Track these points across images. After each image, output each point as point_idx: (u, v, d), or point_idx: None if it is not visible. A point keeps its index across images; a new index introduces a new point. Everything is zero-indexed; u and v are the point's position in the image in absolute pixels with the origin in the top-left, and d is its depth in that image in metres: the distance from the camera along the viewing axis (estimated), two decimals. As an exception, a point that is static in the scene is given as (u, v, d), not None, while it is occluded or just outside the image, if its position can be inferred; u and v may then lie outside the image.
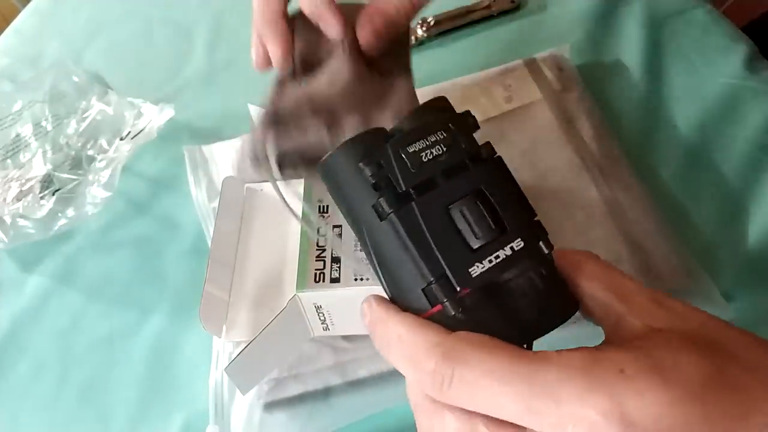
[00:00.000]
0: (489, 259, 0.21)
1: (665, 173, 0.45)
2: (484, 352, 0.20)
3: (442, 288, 0.21)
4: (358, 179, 0.22)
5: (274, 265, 0.39)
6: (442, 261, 0.21)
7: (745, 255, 0.41)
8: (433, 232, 0.21)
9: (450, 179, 0.22)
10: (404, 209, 0.21)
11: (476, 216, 0.22)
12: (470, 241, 0.21)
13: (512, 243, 0.22)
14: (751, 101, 0.47)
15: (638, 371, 0.18)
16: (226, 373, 0.32)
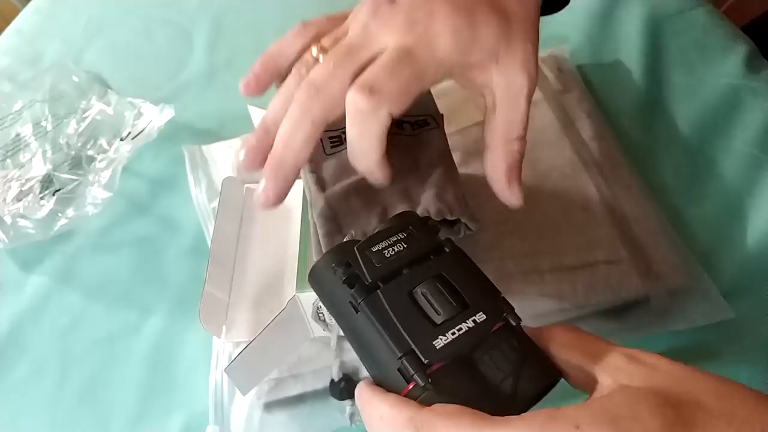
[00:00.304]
0: (452, 332, 0.23)
1: (665, 173, 0.45)
2: (449, 421, 0.21)
3: (410, 362, 0.23)
4: (334, 281, 0.25)
5: (273, 266, 0.39)
6: (407, 338, 0.23)
7: (745, 255, 0.41)
8: (398, 313, 0.24)
9: (412, 268, 0.25)
10: (371, 297, 0.24)
11: (437, 295, 0.24)
12: (433, 318, 0.24)
13: (474, 316, 0.24)
14: (751, 101, 0.47)
15: (592, 424, 0.19)
16: (226, 373, 0.32)
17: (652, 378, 0.21)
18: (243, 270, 0.40)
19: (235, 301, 0.38)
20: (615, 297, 0.37)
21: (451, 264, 0.26)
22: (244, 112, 0.55)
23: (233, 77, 0.59)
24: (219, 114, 0.56)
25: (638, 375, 0.21)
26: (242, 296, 0.38)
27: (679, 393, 0.20)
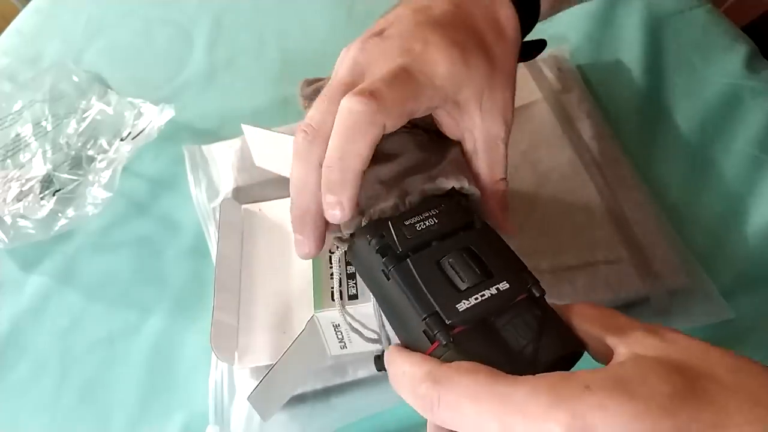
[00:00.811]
0: (475, 297, 0.24)
1: (665, 173, 0.45)
2: (466, 376, 0.21)
3: (434, 323, 0.24)
4: (369, 251, 0.27)
5: (281, 287, 0.39)
6: (432, 301, 0.24)
7: (745, 255, 0.41)
8: (425, 279, 0.25)
9: (442, 241, 0.27)
10: (401, 265, 0.26)
11: (463, 265, 0.25)
12: (458, 285, 0.25)
13: (498, 285, 0.25)
14: (751, 101, 0.47)
15: (602, 387, 0.19)
16: (249, 401, 0.32)
17: (667, 349, 0.21)
18: (249, 294, 0.39)
19: (245, 325, 0.38)
20: (615, 297, 0.37)
21: (479, 238, 0.27)
22: (244, 112, 0.56)
23: (233, 77, 0.59)
24: (219, 114, 0.56)
25: (654, 346, 0.21)
26: (251, 320, 0.38)
27: (693, 365, 0.20)
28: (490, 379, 0.21)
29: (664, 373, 0.20)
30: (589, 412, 0.19)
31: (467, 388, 0.21)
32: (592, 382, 0.19)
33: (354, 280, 0.33)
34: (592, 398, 0.19)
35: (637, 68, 0.51)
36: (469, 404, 0.21)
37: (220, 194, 0.47)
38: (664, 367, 0.20)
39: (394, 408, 0.37)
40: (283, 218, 0.43)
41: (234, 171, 0.47)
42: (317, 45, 0.60)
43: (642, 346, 0.22)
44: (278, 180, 0.46)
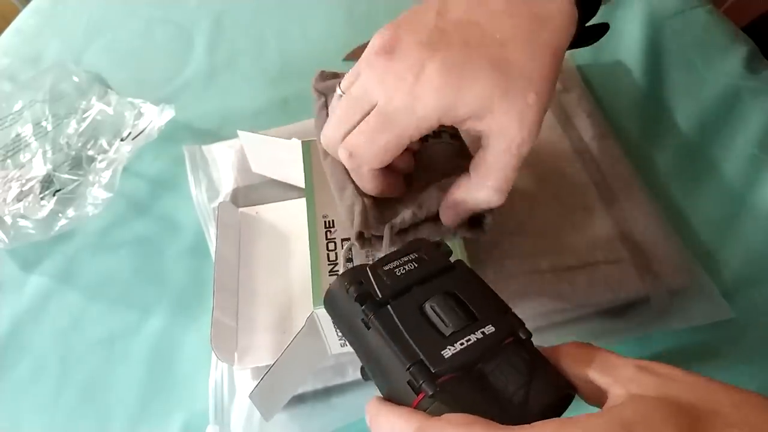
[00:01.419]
0: (461, 342, 0.24)
1: (665, 173, 0.45)
2: (458, 428, 0.21)
3: (419, 372, 0.23)
4: (347, 299, 0.26)
5: (279, 288, 0.39)
6: (416, 348, 0.24)
7: (745, 255, 0.41)
8: (407, 327, 0.24)
9: (422, 285, 0.26)
10: (381, 312, 0.25)
11: (446, 309, 0.25)
12: (442, 330, 0.24)
13: (483, 328, 0.24)
14: (751, 101, 0.47)
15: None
16: (250, 399, 0.32)
17: (666, 387, 0.20)
18: (248, 294, 0.39)
19: (243, 326, 0.38)
20: (615, 297, 0.37)
21: (460, 281, 0.26)
22: (244, 112, 0.56)
23: (233, 77, 0.59)
24: (219, 114, 0.56)
25: (651, 385, 0.21)
26: (250, 321, 0.38)
27: (694, 401, 0.20)
28: (484, 427, 0.20)
29: (668, 414, 0.19)
30: None
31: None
32: (593, 428, 0.19)
33: None
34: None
35: (637, 68, 0.51)
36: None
37: (220, 194, 0.47)
38: (667, 407, 0.19)
39: (394, 408, 0.37)
40: (280, 220, 0.43)
41: (234, 171, 0.47)
42: (317, 45, 0.60)
43: (638, 385, 0.21)
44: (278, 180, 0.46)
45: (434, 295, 0.25)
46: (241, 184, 0.46)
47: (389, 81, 0.28)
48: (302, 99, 0.55)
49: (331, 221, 0.35)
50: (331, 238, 0.35)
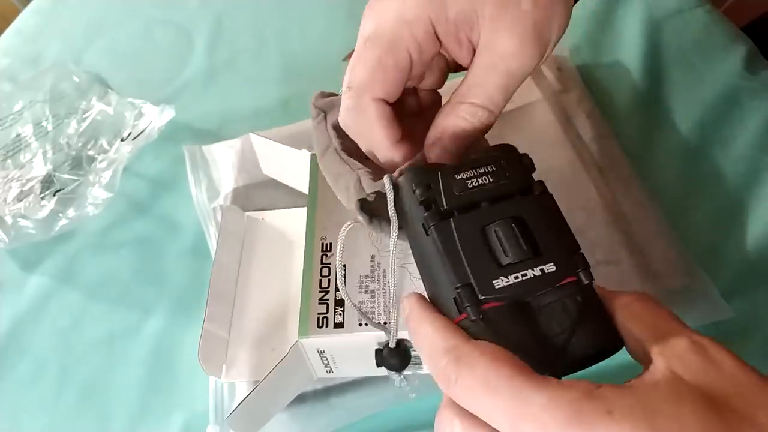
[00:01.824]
0: (515, 276, 0.23)
1: (665, 173, 0.45)
2: (489, 363, 0.20)
3: (466, 295, 0.22)
4: (413, 198, 0.25)
5: (275, 302, 0.38)
6: (468, 271, 0.23)
7: (745, 255, 0.41)
8: (465, 245, 0.23)
9: (492, 204, 0.25)
10: (442, 224, 0.24)
11: (508, 236, 0.23)
12: (499, 258, 0.23)
13: (543, 266, 0.23)
14: (751, 101, 0.46)
15: (627, 415, 0.18)
16: (227, 423, 0.32)
17: (710, 376, 0.19)
18: (243, 305, 0.39)
19: (235, 338, 0.37)
20: (615, 297, 0.37)
21: (534, 208, 0.25)
22: (245, 113, 0.56)
23: (233, 77, 0.59)
24: (219, 114, 0.56)
25: (696, 369, 0.19)
26: (243, 333, 0.37)
27: (735, 402, 0.18)
28: (513, 374, 0.20)
29: (700, 410, 0.18)
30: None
31: (487, 377, 0.20)
32: (618, 407, 0.18)
33: (342, 308, 0.32)
34: (613, 427, 0.17)
35: (637, 68, 0.51)
36: (484, 395, 0.20)
37: (220, 194, 0.47)
38: (701, 401, 0.18)
39: (394, 408, 0.37)
40: (285, 228, 0.43)
41: (234, 171, 0.47)
42: (317, 46, 0.60)
43: (683, 365, 0.19)
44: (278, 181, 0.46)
45: (502, 218, 0.24)
46: (241, 184, 0.46)
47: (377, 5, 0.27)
48: (303, 99, 0.55)
49: (328, 244, 0.34)
50: (326, 262, 0.34)
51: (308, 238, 0.34)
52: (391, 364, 0.32)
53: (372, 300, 0.32)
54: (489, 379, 0.20)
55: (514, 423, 0.19)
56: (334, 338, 0.31)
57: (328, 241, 0.35)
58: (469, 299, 0.22)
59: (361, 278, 0.33)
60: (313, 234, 0.35)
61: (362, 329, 0.31)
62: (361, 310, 0.31)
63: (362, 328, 0.31)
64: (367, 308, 0.32)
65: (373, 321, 0.31)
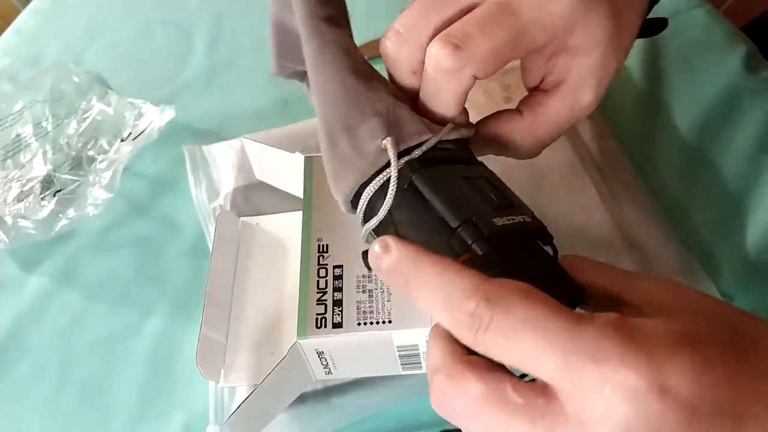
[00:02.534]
0: (509, 218, 0.22)
1: (665, 173, 0.45)
2: (526, 301, 0.19)
3: (468, 232, 0.21)
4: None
5: (272, 305, 0.38)
6: (466, 207, 0.21)
7: (745, 255, 0.41)
8: (453, 189, 0.22)
9: (461, 164, 0.24)
10: (425, 171, 0.22)
11: (491, 186, 0.23)
12: (492, 200, 0.23)
13: (522, 215, 0.23)
14: (751, 101, 0.47)
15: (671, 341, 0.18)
16: (227, 426, 0.31)
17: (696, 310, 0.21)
18: (240, 310, 0.39)
19: (233, 342, 0.37)
20: (615, 297, 0.37)
21: (490, 172, 0.25)
22: (245, 113, 0.56)
23: (233, 78, 0.59)
24: (219, 114, 0.56)
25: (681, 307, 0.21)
26: (240, 338, 0.37)
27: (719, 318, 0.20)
28: (553, 310, 0.18)
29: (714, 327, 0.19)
30: (665, 366, 0.17)
31: (528, 316, 0.18)
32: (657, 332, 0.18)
33: (340, 308, 0.32)
34: (663, 348, 0.17)
35: (636, 68, 0.51)
36: (529, 336, 0.18)
37: (220, 194, 0.47)
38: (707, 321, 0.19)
39: (394, 408, 0.37)
40: (280, 233, 0.43)
41: (234, 171, 0.47)
42: (317, 45, 0.60)
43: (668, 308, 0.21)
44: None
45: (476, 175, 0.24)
46: (241, 184, 0.46)
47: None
48: (302, 99, 0.54)
49: (325, 245, 0.34)
50: (323, 263, 0.34)
51: (304, 240, 0.34)
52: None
53: (370, 300, 0.32)
54: (532, 319, 0.18)
55: (566, 360, 0.18)
56: (333, 338, 0.31)
57: (325, 242, 0.35)
58: (473, 235, 0.21)
59: (358, 278, 0.33)
60: (309, 235, 0.35)
61: (361, 329, 0.31)
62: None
63: (361, 328, 0.32)
64: (366, 308, 0.32)
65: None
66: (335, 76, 0.27)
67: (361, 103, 0.25)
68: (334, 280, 0.33)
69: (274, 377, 0.32)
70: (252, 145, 0.42)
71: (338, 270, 0.33)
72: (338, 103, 0.26)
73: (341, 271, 0.33)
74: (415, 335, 0.31)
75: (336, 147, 0.25)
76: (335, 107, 0.26)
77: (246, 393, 0.36)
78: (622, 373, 0.17)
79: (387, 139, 0.23)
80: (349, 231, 0.28)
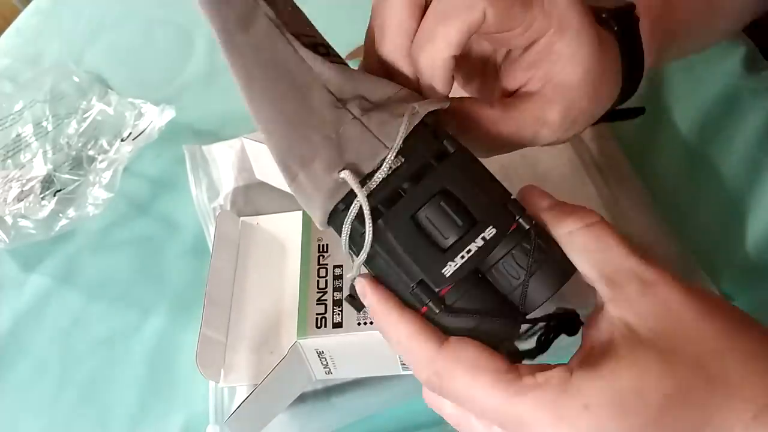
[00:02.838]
0: (461, 255, 0.23)
1: (665, 173, 0.45)
2: (469, 374, 0.21)
3: (423, 292, 0.23)
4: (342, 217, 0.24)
5: (272, 305, 0.38)
6: (417, 268, 0.23)
7: (745, 255, 0.41)
8: (403, 242, 0.23)
9: (416, 184, 0.23)
10: (376, 227, 0.23)
11: (441, 218, 0.23)
12: (440, 243, 0.23)
13: (483, 233, 0.23)
14: (751, 101, 0.46)
15: (601, 406, 0.20)
16: (227, 426, 0.32)
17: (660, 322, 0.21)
18: (240, 309, 0.39)
19: (233, 342, 0.37)
20: (615, 297, 0.37)
21: (455, 172, 0.24)
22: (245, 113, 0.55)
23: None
24: (219, 114, 0.56)
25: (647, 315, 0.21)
26: (240, 338, 0.37)
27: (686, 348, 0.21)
28: (492, 382, 0.21)
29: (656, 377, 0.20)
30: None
31: (469, 388, 0.22)
32: (592, 400, 0.20)
33: (340, 308, 0.32)
34: (591, 420, 0.20)
35: (636, 68, 0.51)
36: (472, 402, 0.22)
37: (220, 194, 0.47)
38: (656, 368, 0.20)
39: (394, 408, 0.37)
40: (280, 233, 0.43)
41: (234, 171, 0.47)
42: (317, 45, 0.60)
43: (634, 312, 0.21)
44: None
45: (427, 198, 0.23)
46: (241, 184, 0.46)
47: None
48: (302, 99, 0.55)
49: (325, 245, 0.34)
50: (323, 263, 0.34)
51: (304, 240, 0.35)
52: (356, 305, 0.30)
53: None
54: (472, 391, 0.21)
55: (503, 425, 0.21)
56: (333, 338, 0.31)
57: (325, 242, 0.35)
58: (427, 294, 0.23)
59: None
60: (309, 235, 0.35)
61: (361, 329, 0.31)
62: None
63: (361, 328, 0.32)
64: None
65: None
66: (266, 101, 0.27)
67: (306, 129, 0.25)
68: (334, 280, 0.33)
69: (274, 377, 0.32)
70: (252, 145, 0.42)
71: (338, 270, 0.33)
72: (282, 133, 0.26)
73: (341, 271, 0.33)
74: None
75: (295, 180, 0.25)
76: (281, 138, 0.26)
77: (246, 393, 0.36)
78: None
79: (344, 172, 0.24)
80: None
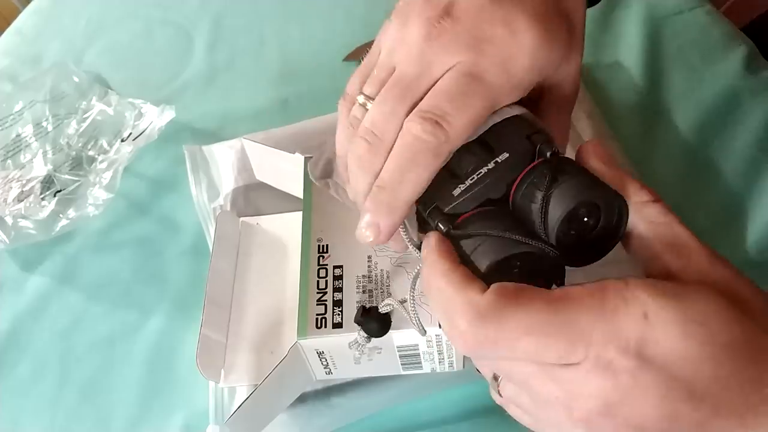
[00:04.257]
0: (471, 178, 0.25)
1: (665, 173, 0.45)
2: (520, 311, 0.21)
3: (434, 214, 0.25)
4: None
5: (272, 305, 0.39)
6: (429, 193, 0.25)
7: (745, 255, 0.41)
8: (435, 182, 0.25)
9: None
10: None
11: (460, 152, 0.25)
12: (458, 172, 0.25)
13: (497, 158, 0.25)
14: (751, 101, 0.47)
15: (660, 320, 0.19)
16: (227, 426, 0.31)
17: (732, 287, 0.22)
18: (240, 310, 0.39)
19: (233, 343, 0.37)
20: (615, 297, 0.37)
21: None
22: (245, 113, 0.56)
23: (233, 78, 0.59)
24: (219, 114, 0.56)
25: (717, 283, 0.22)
26: (240, 338, 0.37)
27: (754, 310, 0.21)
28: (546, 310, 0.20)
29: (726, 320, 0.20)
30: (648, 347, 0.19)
31: (523, 324, 0.20)
32: (652, 311, 0.19)
33: (340, 308, 0.32)
34: (650, 332, 0.19)
35: (636, 69, 0.51)
36: (526, 342, 0.20)
37: (220, 194, 0.47)
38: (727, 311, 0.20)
39: (394, 408, 0.37)
40: (280, 233, 0.43)
41: (234, 171, 0.47)
42: (317, 46, 0.60)
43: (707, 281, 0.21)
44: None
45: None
46: (241, 184, 0.46)
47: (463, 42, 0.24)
48: (302, 99, 0.55)
49: (325, 246, 0.34)
50: (323, 264, 0.34)
51: (304, 240, 0.34)
52: (369, 327, 0.31)
53: (370, 300, 0.32)
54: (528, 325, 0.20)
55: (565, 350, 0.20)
56: (333, 338, 0.31)
57: (324, 243, 0.34)
58: (437, 215, 0.24)
59: (358, 278, 0.33)
60: (309, 236, 0.35)
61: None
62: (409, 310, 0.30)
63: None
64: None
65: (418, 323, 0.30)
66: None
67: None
68: (334, 281, 0.33)
69: (274, 377, 0.32)
70: (252, 145, 0.42)
71: (338, 270, 0.33)
72: None
73: (341, 272, 0.33)
74: (415, 335, 0.31)
75: None
76: None
77: (246, 393, 0.36)
78: (606, 353, 0.19)
79: None
80: (349, 231, 0.28)
